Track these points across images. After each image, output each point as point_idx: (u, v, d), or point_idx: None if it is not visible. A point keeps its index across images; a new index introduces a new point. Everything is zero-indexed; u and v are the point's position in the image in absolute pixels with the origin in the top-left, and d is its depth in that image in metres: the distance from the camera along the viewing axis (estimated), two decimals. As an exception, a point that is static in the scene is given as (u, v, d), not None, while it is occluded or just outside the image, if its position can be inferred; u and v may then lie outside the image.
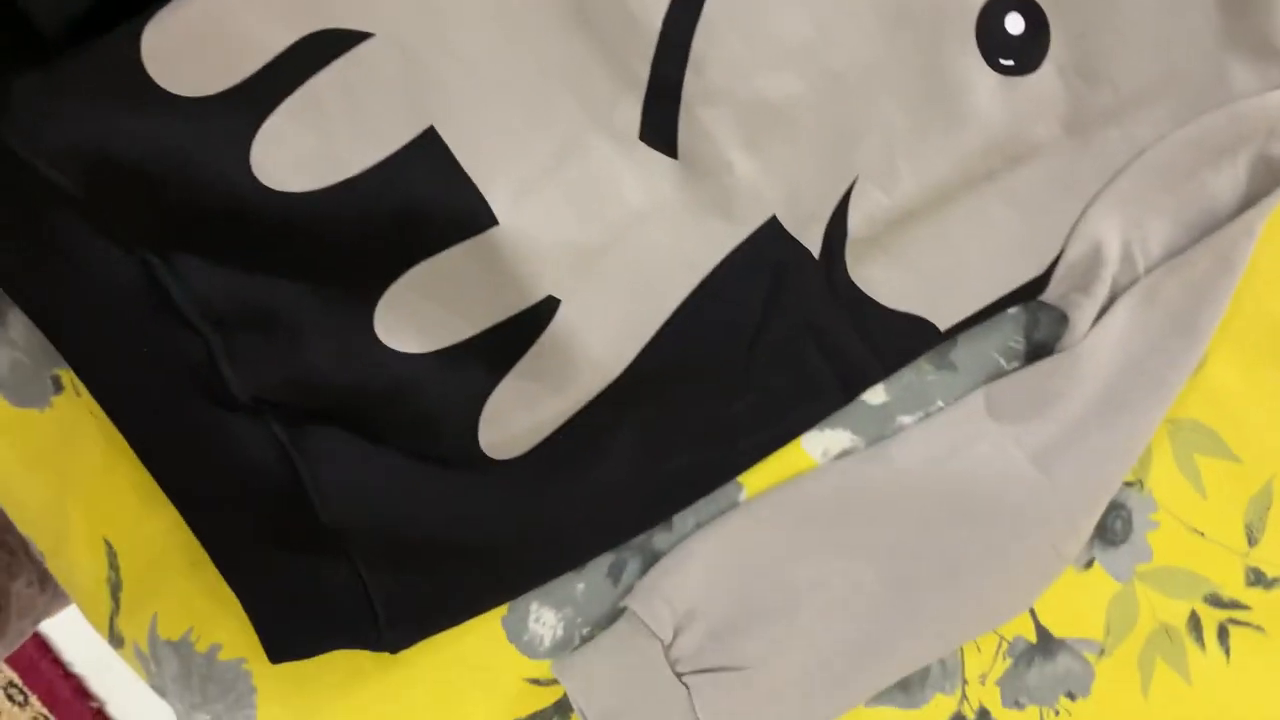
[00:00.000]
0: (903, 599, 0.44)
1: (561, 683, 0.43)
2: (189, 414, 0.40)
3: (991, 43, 0.44)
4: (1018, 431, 0.45)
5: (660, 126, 0.42)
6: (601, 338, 0.41)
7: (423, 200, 0.39)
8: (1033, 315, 0.47)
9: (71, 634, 1.08)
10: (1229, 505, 0.48)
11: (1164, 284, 0.45)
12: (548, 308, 0.41)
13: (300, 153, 0.38)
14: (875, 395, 0.46)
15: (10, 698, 1.09)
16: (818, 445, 0.46)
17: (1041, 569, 0.45)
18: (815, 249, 0.43)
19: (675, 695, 0.43)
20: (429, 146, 0.39)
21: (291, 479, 0.40)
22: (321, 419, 0.40)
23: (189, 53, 0.37)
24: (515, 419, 0.41)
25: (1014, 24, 0.44)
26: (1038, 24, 0.44)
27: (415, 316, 0.40)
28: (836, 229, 0.43)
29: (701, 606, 0.43)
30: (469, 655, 0.44)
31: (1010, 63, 0.44)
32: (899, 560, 0.43)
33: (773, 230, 0.43)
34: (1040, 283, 0.45)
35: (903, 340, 0.45)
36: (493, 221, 0.39)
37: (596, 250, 0.41)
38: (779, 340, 0.44)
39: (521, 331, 0.41)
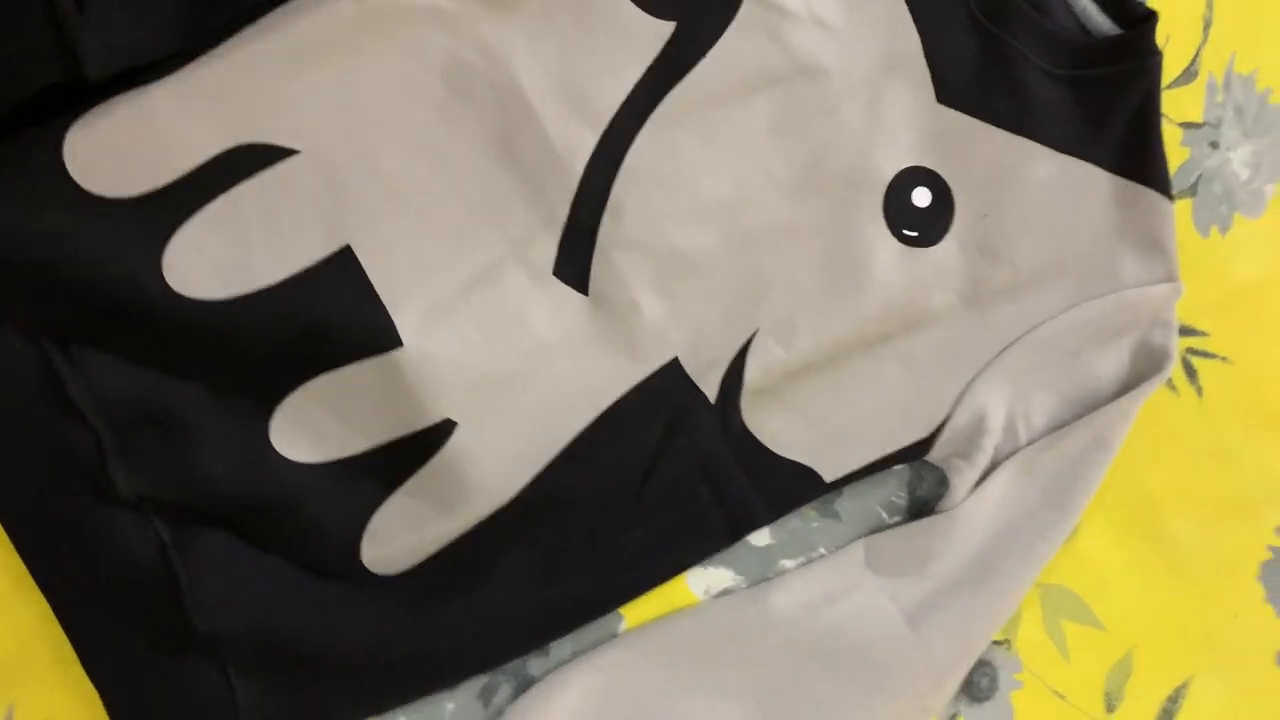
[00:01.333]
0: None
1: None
2: (69, 505, 0.40)
3: (898, 214, 0.46)
4: (893, 586, 0.46)
5: (574, 264, 0.43)
6: (495, 463, 0.42)
7: (330, 317, 0.40)
8: (916, 473, 0.48)
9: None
10: (1091, 671, 0.50)
11: (1041, 458, 0.47)
12: (444, 430, 0.41)
13: (213, 261, 0.39)
14: (760, 538, 0.47)
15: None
16: (700, 582, 0.47)
17: (906, 725, 0.46)
18: (712, 394, 0.45)
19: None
20: (343, 265, 0.40)
21: (169, 579, 0.40)
22: (206, 522, 0.41)
23: (112, 154, 0.38)
24: (399, 536, 0.42)
25: (920, 198, 0.46)
26: (943, 200, 0.46)
27: (311, 427, 0.41)
28: (734, 377, 0.45)
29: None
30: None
31: (914, 234, 0.46)
32: (769, 704, 0.44)
33: (673, 372, 0.44)
34: (926, 444, 0.47)
35: (790, 488, 0.46)
36: (398, 343, 0.40)
37: (500, 378, 0.42)
38: (671, 478, 0.45)
39: (415, 451, 0.42)
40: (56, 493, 0.40)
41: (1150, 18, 0.46)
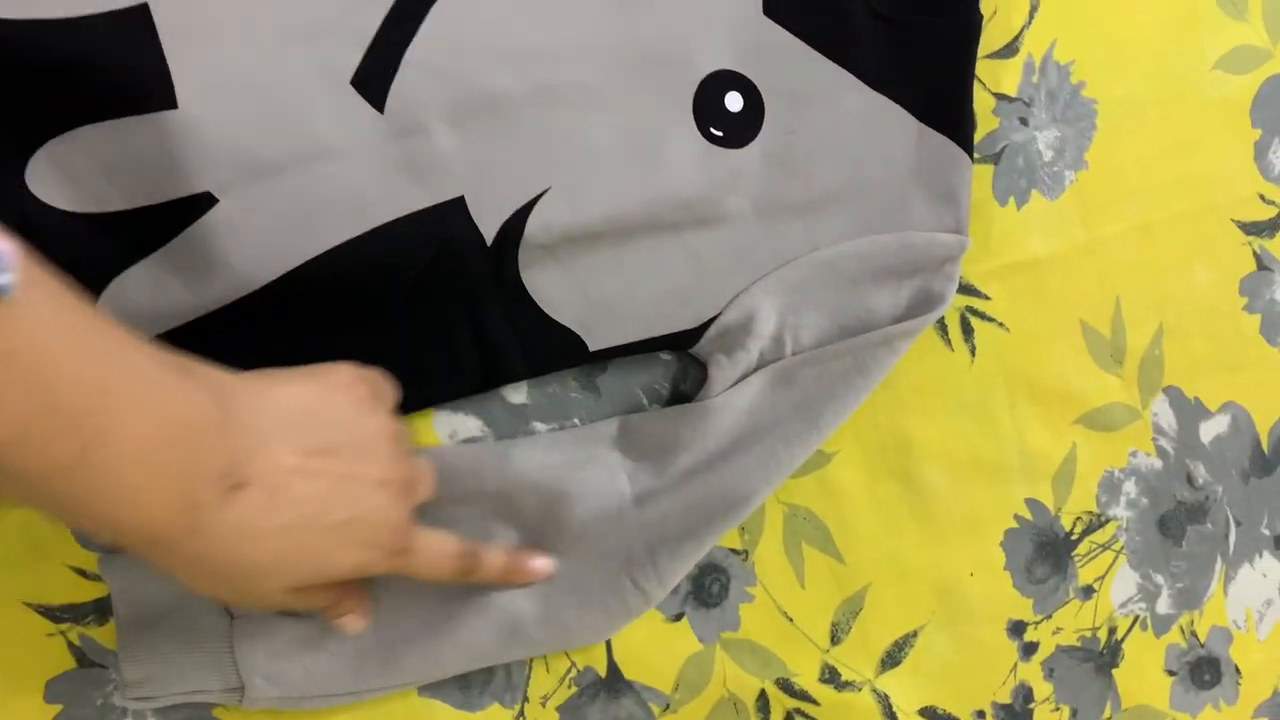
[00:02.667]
0: (477, 591, 0.44)
1: (105, 580, 0.42)
2: None
3: (707, 111, 0.47)
4: (633, 467, 0.47)
5: (374, 79, 0.43)
6: (248, 247, 0.42)
7: (109, 67, 0.40)
8: (683, 366, 0.49)
9: None
10: (823, 600, 0.51)
11: (800, 371, 0.48)
12: (204, 203, 0.41)
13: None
14: (517, 394, 0.47)
15: None
16: (446, 426, 0.47)
17: (620, 600, 0.46)
18: (490, 237, 0.45)
19: (217, 621, 0.43)
20: (135, 19, 0.40)
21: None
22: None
23: None
24: (138, 303, 0.41)
25: (733, 102, 0.48)
26: (755, 109, 0.48)
27: (71, 175, 0.40)
28: (515, 226, 0.45)
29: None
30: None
31: (720, 134, 0.47)
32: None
33: (455, 207, 0.45)
34: (694, 335, 0.48)
35: (552, 348, 0.46)
36: (172, 104, 0.40)
37: (270, 164, 0.42)
38: (431, 309, 0.45)
39: (171, 220, 0.41)
40: None
41: (975, -20, 0.49)
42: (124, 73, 0.40)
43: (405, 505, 0.40)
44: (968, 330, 0.52)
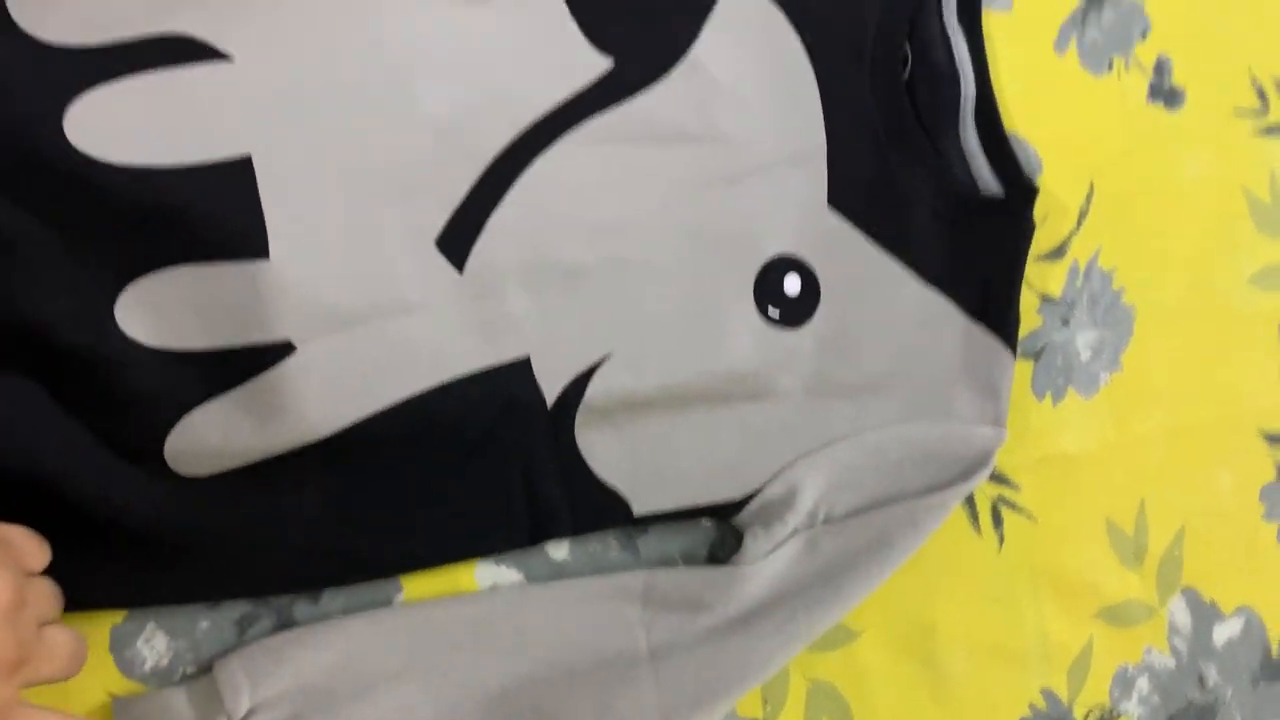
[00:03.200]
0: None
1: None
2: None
3: (767, 292, 0.49)
4: (652, 619, 0.47)
5: (457, 241, 0.45)
6: (321, 397, 0.43)
7: (210, 213, 0.41)
8: (722, 534, 0.50)
9: None
10: (838, 775, 0.51)
11: (826, 539, 0.49)
12: (282, 350, 0.42)
13: (116, 127, 0.40)
14: (559, 551, 0.48)
15: None
16: (489, 576, 0.47)
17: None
18: (551, 399, 0.47)
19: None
20: (238, 171, 0.42)
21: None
22: (27, 370, 0.41)
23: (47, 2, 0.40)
24: (208, 440, 0.42)
25: (791, 285, 0.50)
26: (812, 293, 0.50)
27: (158, 312, 0.42)
28: (576, 390, 0.47)
29: (291, 697, 0.43)
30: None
31: (777, 315, 0.49)
32: (496, 704, 0.45)
33: (522, 368, 0.46)
34: (737, 506, 0.49)
35: (599, 509, 0.48)
36: (265, 254, 0.42)
37: (352, 318, 0.43)
38: (490, 465, 0.46)
39: (249, 363, 0.42)
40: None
41: (1032, 192, 0.51)
42: (222, 221, 0.42)
43: (8, 685, 0.35)
44: (998, 519, 0.53)
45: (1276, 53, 0.58)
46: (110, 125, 0.41)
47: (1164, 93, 0.56)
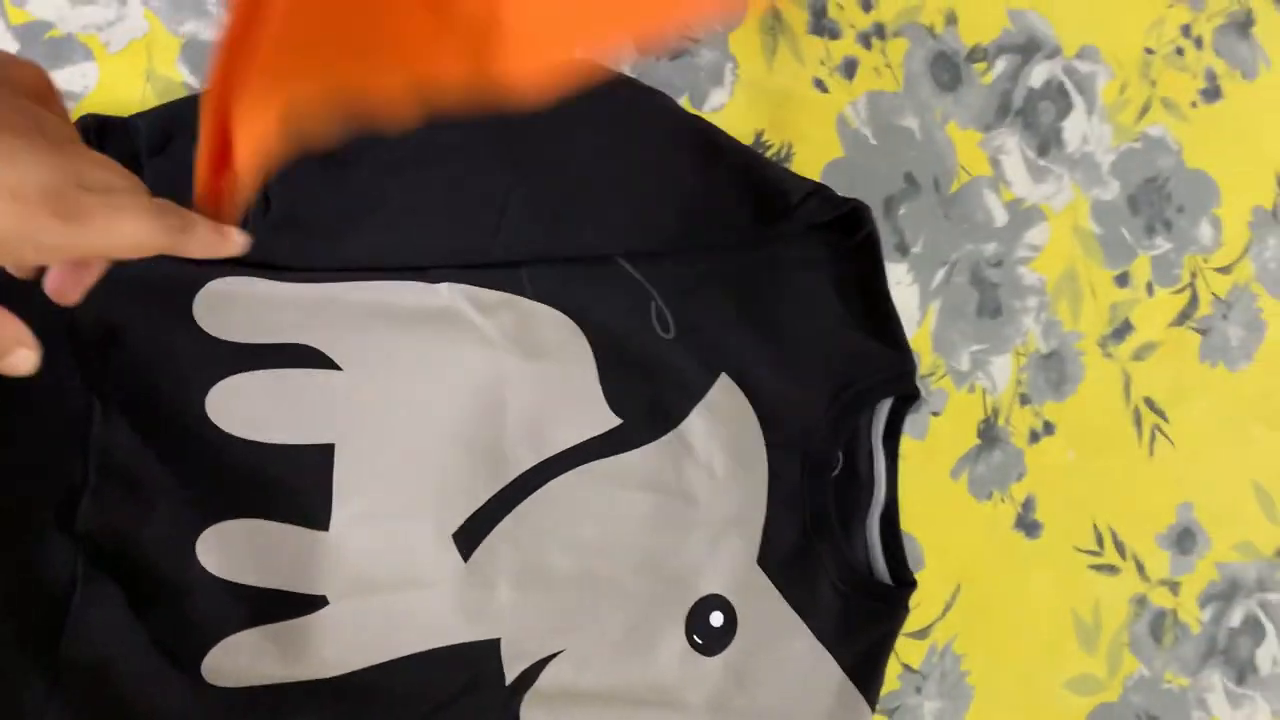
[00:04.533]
0: None
1: None
2: (26, 506, 0.50)
3: (695, 623, 0.62)
4: None
5: (470, 537, 0.57)
6: (338, 645, 0.54)
7: (293, 486, 0.53)
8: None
9: None
10: None
11: None
12: (318, 603, 0.53)
13: (242, 406, 0.53)
14: (482, 803, 0.58)
15: None
16: (421, 814, 0.57)
17: None
18: (510, 678, 0.58)
19: None
20: (322, 455, 0.54)
21: (62, 604, 0.50)
22: (115, 577, 0.51)
23: (226, 309, 0.53)
24: (239, 660, 0.52)
25: (716, 620, 0.62)
26: (730, 629, 0.63)
27: (228, 549, 0.53)
28: (532, 673, 0.58)
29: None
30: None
31: (700, 643, 0.62)
32: None
33: (491, 647, 0.57)
34: (631, 798, 0.60)
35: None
36: (325, 527, 0.53)
37: (378, 586, 0.55)
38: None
39: (289, 607, 0.53)
40: (23, 488, 0.50)
41: (912, 584, 0.65)
42: (299, 494, 0.54)
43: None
44: (835, 843, 0.65)
45: (1114, 505, 0.74)
46: (237, 404, 0.53)
47: (1026, 524, 0.72)
